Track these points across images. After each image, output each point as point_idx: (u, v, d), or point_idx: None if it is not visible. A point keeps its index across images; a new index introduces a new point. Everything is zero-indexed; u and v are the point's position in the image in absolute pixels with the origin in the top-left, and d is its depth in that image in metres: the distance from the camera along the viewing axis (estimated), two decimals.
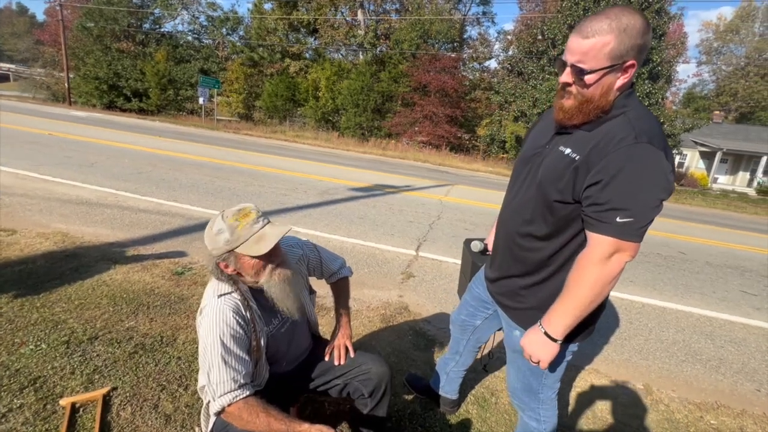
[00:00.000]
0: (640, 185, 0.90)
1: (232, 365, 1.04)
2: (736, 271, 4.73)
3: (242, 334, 1.08)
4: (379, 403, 1.34)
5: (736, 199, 16.06)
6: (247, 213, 1.09)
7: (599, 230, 0.95)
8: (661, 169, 0.90)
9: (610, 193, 0.91)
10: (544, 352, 1.06)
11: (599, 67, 0.91)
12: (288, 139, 16.55)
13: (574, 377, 2.25)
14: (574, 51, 0.93)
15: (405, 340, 2.39)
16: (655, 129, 0.94)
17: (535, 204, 1.09)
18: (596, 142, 0.95)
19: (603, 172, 0.92)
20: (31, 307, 2.17)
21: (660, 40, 15.24)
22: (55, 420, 1.49)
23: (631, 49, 0.90)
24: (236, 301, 1.11)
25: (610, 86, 0.94)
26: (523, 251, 1.15)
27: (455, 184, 9.37)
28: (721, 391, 2.33)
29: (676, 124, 15.93)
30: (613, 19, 0.89)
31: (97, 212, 4.01)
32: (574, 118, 0.99)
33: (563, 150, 1.02)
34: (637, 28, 0.88)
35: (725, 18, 36.18)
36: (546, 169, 1.05)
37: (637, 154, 0.90)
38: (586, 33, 0.91)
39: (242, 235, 1.06)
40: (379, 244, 4.08)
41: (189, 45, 27.36)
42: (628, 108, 0.96)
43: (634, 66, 0.92)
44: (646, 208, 0.91)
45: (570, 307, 1.01)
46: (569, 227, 1.05)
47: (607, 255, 0.95)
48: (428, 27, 21.30)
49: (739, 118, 33.40)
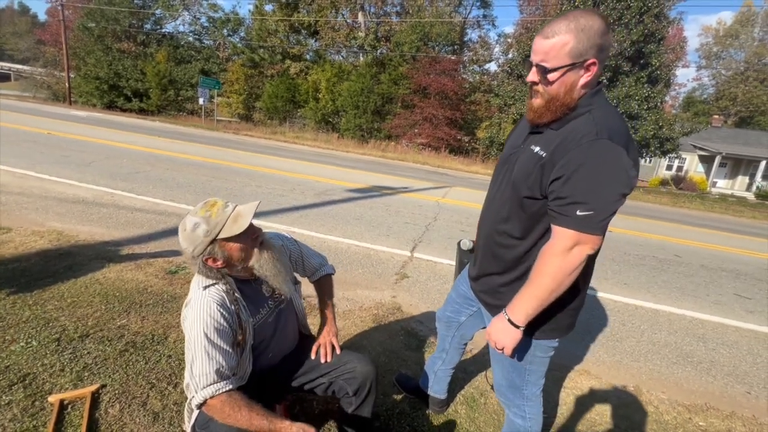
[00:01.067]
0: (600, 180, 0.93)
1: (216, 358, 1.04)
2: (731, 275, 4.74)
3: (226, 326, 1.09)
4: (364, 402, 1.35)
5: (734, 203, 16.09)
6: (214, 203, 1.12)
7: (561, 223, 0.99)
8: (620, 164, 0.93)
9: (571, 187, 0.95)
10: (507, 338, 1.10)
11: (561, 65, 0.96)
12: (287, 140, 16.57)
13: (564, 378, 2.26)
14: (537, 51, 0.99)
15: (396, 340, 2.39)
16: (618, 126, 0.98)
17: (510, 203, 1.12)
18: (561, 139, 0.99)
19: (565, 167, 0.96)
20: (23, 305, 2.18)
21: (659, 44, 15.29)
22: (43, 417, 1.50)
23: (590, 47, 0.94)
24: (221, 294, 1.12)
25: (574, 84, 0.98)
26: (500, 249, 1.18)
27: (453, 186, 9.39)
28: (711, 393, 2.34)
29: (675, 128, 15.96)
30: (571, 20, 0.94)
31: (93, 211, 4.02)
32: (543, 116, 1.03)
33: (534, 148, 1.06)
34: (595, 28, 0.93)
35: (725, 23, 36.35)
36: (518, 168, 1.09)
37: (597, 149, 0.93)
38: (547, 34, 0.97)
39: (218, 221, 1.08)
40: (375, 244, 4.09)
41: (190, 46, 27.45)
42: (593, 106, 1.00)
43: (595, 64, 0.97)
44: (606, 202, 0.94)
45: (532, 295, 1.04)
46: (540, 223, 1.08)
47: (569, 247, 0.98)
48: (429, 29, 21.36)
49: (738, 123, 33.47)
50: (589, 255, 1.00)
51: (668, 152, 16.29)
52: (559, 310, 1.13)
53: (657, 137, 15.22)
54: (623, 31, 14.36)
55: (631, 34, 14.29)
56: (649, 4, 14.31)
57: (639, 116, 14.98)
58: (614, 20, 14.44)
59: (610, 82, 15.17)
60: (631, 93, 14.73)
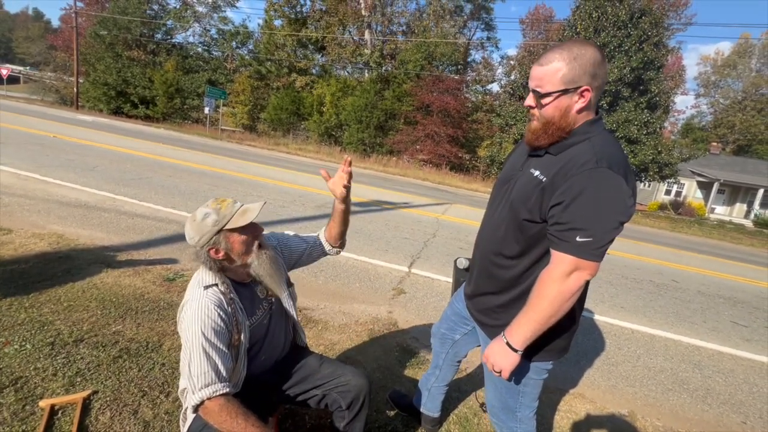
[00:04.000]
0: (599, 207, 0.96)
1: (213, 358, 1.05)
2: (728, 302, 4.74)
3: (223, 327, 1.10)
4: (356, 417, 1.35)
5: (732, 230, 16.14)
6: (224, 199, 1.20)
7: (560, 248, 1.01)
8: (619, 193, 0.96)
9: (571, 213, 0.98)
10: (505, 362, 1.10)
11: (554, 90, 1.02)
12: (290, 151, 16.72)
13: (558, 401, 2.24)
14: (533, 77, 1.06)
15: (391, 356, 2.38)
16: (617, 155, 1.01)
17: (507, 223, 1.15)
18: (561, 165, 1.02)
19: (565, 193, 0.99)
20: (19, 307, 2.18)
21: (658, 71, 15.64)
22: (33, 421, 1.48)
23: (583, 75, 1.00)
24: (219, 295, 1.14)
25: (568, 109, 1.03)
26: (496, 269, 1.20)
27: (453, 203, 9.44)
28: (707, 421, 2.32)
29: (674, 154, 16.16)
30: (565, 49, 1.01)
31: (94, 215, 4.04)
32: (540, 139, 1.08)
33: (533, 172, 1.09)
34: (587, 57, 0.99)
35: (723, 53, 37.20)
36: (517, 190, 1.12)
37: (597, 177, 0.96)
38: (542, 62, 1.04)
39: (227, 213, 1.14)
40: (373, 259, 4.10)
41: (198, 56, 27.97)
42: (592, 134, 1.04)
43: (589, 91, 1.01)
44: (605, 230, 0.97)
45: (531, 319, 1.05)
46: (538, 246, 1.10)
47: (567, 272, 1.00)
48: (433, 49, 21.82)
49: (736, 150, 33.87)
50: (586, 281, 1.02)
51: (667, 177, 16.44)
52: (554, 333, 1.14)
53: (656, 162, 15.40)
54: (623, 57, 14.71)
55: (631, 61, 14.63)
56: (648, 33, 14.71)
57: (638, 141, 15.19)
58: (615, 47, 14.81)
59: (610, 106, 15.45)
60: (630, 118, 14.98)
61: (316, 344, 2.38)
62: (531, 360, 1.19)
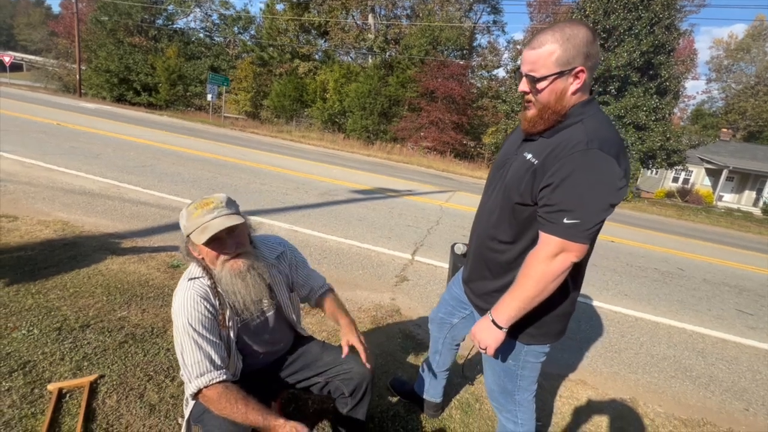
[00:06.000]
0: (588, 189, 0.95)
1: (204, 347, 1.06)
2: (734, 290, 4.70)
3: (211, 318, 1.11)
4: (359, 403, 1.35)
5: (740, 218, 15.95)
6: (208, 202, 1.12)
7: (548, 230, 1.00)
8: (609, 174, 0.94)
9: (560, 195, 0.97)
10: (489, 338, 1.12)
11: (548, 73, 0.99)
12: (294, 139, 16.64)
13: (560, 387, 2.25)
14: (526, 61, 1.02)
15: (394, 342, 2.40)
16: (609, 136, 0.99)
17: (502, 208, 1.14)
18: (553, 147, 1.00)
19: (555, 175, 0.97)
20: (26, 293, 2.21)
21: (669, 55, 15.22)
22: (42, 404, 1.51)
23: (577, 55, 0.97)
24: (205, 287, 1.14)
25: (563, 91, 1.00)
26: (491, 253, 1.20)
27: (457, 191, 9.39)
28: (709, 408, 2.32)
29: (683, 140, 15.87)
30: (557, 30, 0.97)
31: (98, 203, 4.06)
32: (537, 125, 1.05)
33: (526, 155, 1.08)
34: (580, 37, 0.96)
35: (736, 36, 36.15)
36: (511, 175, 1.11)
37: (587, 159, 0.94)
38: (534, 45, 1.00)
39: (192, 224, 1.11)
40: (376, 246, 4.10)
41: (200, 42, 27.69)
42: (585, 116, 1.01)
43: (583, 72, 0.99)
44: (593, 212, 0.95)
45: (516, 298, 1.06)
46: (531, 230, 1.09)
47: (554, 254, 1.00)
48: (438, 34, 21.41)
49: (747, 137, 33.20)
50: (573, 263, 1.01)
51: (675, 164, 16.20)
52: (549, 316, 1.15)
53: (664, 149, 15.14)
54: (633, 41, 14.31)
55: (641, 44, 14.24)
56: (660, 15, 14.26)
57: (646, 127, 14.91)
58: (624, 30, 14.40)
59: (618, 91, 15.12)
60: (639, 104, 14.66)
61: (318, 331, 2.40)
62: (528, 343, 1.20)
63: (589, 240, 0.99)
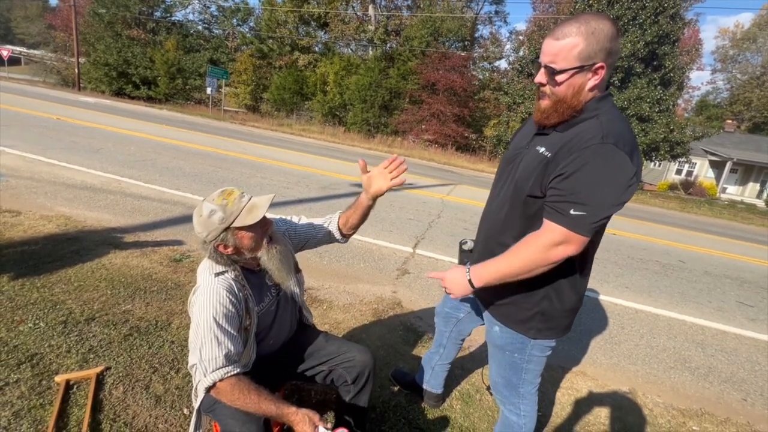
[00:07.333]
0: (599, 183, 0.94)
1: (224, 343, 1.07)
2: (735, 282, 4.71)
3: (234, 313, 1.12)
4: (362, 391, 1.38)
5: (743, 210, 15.88)
6: (231, 192, 1.14)
7: (553, 219, 1.00)
8: (622, 170, 0.94)
9: (570, 185, 0.96)
10: (457, 288, 1.17)
11: (569, 67, 0.96)
12: (294, 132, 16.58)
13: (560, 378, 2.28)
14: (546, 52, 0.99)
15: (395, 334, 2.42)
16: (624, 132, 0.98)
17: (512, 202, 1.13)
18: (567, 141, 1.00)
19: (568, 166, 0.96)
20: (31, 287, 2.23)
21: (674, 45, 15.03)
22: (50, 395, 1.54)
23: (599, 51, 0.95)
24: (230, 281, 1.15)
25: (581, 86, 0.99)
26: (499, 247, 1.18)
27: (459, 184, 9.37)
28: (707, 398, 2.35)
29: (687, 132, 15.74)
30: (582, 23, 0.94)
31: (100, 197, 4.08)
32: (550, 118, 1.04)
33: (539, 149, 1.06)
34: (605, 32, 0.94)
35: (742, 26, 35.60)
36: (522, 168, 1.10)
37: (601, 153, 0.94)
38: (558, 35, 0.97)
39: (234, 210, 1.10)
40: (377, 240, 4.11)
41: (199, 34, 27.43)
42: (601, 111, 1.00)
43: (603, 68, 0.97)
44: (601, 206, 0.95)
45: (499, 268, 1.08)
46: (539, 224, 1.08)
47: (555, 242, 0.99)
48: (439, 25, 21.14)
49: (752, 129, 32.87)
50: (570, 256, 1.00)
51: (678, 156, 16.07)
52: (558, 312, 1.15)
53: (667, 141, 15.02)
54: (637, 31, 14.13)
55: (645, 34, 14.06)
56: (665, 4, 14.05)
57: (650, 119, 14.79)
58: (629, 20, 14.21)
59: (621, 83, 14.97)
60: (642, 95, 14.53)
61: (322, 323, 2.42)
62: (535, 337, 1.20)
63: (592, 233, 0.98)
